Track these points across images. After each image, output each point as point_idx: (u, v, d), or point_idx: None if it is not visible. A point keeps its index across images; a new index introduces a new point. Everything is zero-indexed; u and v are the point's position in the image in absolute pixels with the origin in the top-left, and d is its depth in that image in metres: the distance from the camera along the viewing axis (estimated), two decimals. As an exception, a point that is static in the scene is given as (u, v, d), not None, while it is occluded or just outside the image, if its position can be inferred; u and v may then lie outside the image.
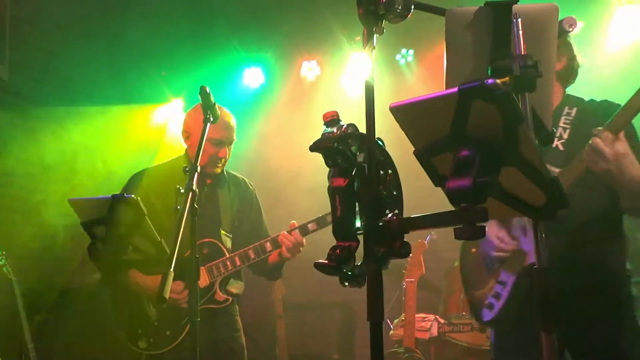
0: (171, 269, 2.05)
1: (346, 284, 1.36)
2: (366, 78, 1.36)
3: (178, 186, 2.35)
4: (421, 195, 2.78)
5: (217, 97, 2.71)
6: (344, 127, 1.39)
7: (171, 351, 3.21)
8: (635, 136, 2.44)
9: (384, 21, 1.40)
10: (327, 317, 6.34)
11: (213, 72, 6.07)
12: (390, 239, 1.30)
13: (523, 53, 1.45)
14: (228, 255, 3.35)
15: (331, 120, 1.43)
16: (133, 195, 2.32)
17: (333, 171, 1.40)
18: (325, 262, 1.36)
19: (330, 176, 1.40)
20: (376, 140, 1.37)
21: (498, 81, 1.12)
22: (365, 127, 1.37)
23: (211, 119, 2.63)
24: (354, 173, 1.37)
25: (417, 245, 4.81)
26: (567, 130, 2.50)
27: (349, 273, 1.35)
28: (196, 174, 2.39)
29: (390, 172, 1.42)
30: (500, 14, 1.50)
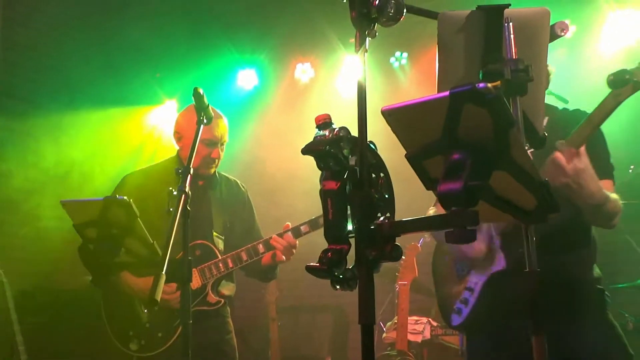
0: (163, 271, 2.04)
1: (337, 287, 1.37)
2: (358, 83, 1.36)
3: (171, 188, 2.34)
4: (414, 197, 2.79)
5: (211, 98, 2.71)
6: (336, 130, 1.39)
7: (163, 353, 3.20)
8: (600, 144, 2.44)
9: (376, 24, 1.41)
10: (320, 320, 6.34)
11: (207, 73, 6.07)
12: (382, 242, 1.31)
13: (514, 57, 1.46)
14: (220, 257, 3.34)
15: (323, 123, 1.44)
16: (125, 197, 2.31)
17: (325, 174, 1.40)
18: (316, 265, 1.36)
19: (322, 179, 1.40)
20: (368, 143, 1.38)
21: (489, 85, 1.12)
22: (358, 131, 1.37)
23: (204, 121, 2.62)
24: (345, 176, 1.37)
25: (410, 247, 4.81)
26: None
27: (341, 276, 1.35)
28: (189, 175, 2.38)
29: (382, 175, 1.42)
30: (492, 18, 1.50)
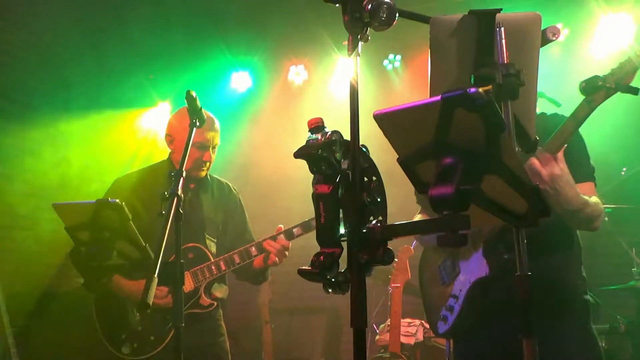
0: (155, 274, 2.04)
1: (329, 290, 1.37)
2: (350, 87, 1.36)
3: (164, 191, 2.33)
4: (407, 200, 2.80)
5: (205, 101, 2.70)
6: (328, 134, 1.40)
7: (155, 356, 3.19)
8: (579, 147, 2.45)
9: (368, 29, 1.41)
10: (313, 322, 6.34)
11: (200, 75, 6.06)
12: (374, 246, 1.31)
13: (506, 61, 1.46)
14: (213, 260, 3.34)
15: (316, 126, 1.44)
16: (117, 200, 2.31)
17: (317, 178, 1.40)
18: (308, 268, 1.37)
19: (315, 183, 1.40)
20: (360, 147, 1.38)
21: (480, 90, 1.13)
22: (350, 134, 1.37)
23: (197, 124, 2.62)
24: (338, 180, 1.37)
25: (403, 250, 4.82)
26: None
27: (333, 280, 1.35)
28: (181, 178, 2.38)
29: (374, 178, 1.42)
30: (484, 23, 1.51)
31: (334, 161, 1.37)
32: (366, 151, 1.42)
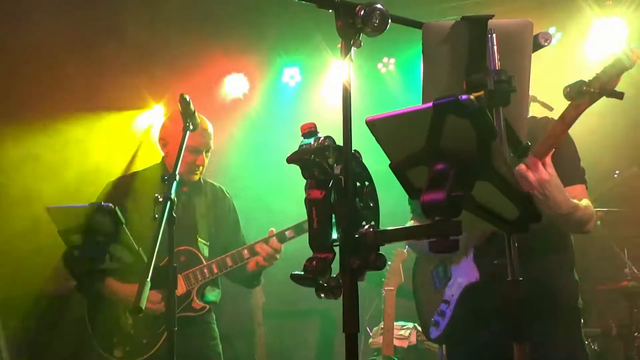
0: (148, 278, 2.04)
1: (322, 295, 1.37)
2: (343, 93, 1.37)
3: (156, 195, 2.33)
4: (400, 205, 2.80)
5: (199, 104, 2.70)
6: (321, 139, 1.40)
7: (147, 360, 3.19)
8: (568, 150, 2.45)
9: (361, 34, 1.42)
10: (307, 325, 6.34)
11: (195, 78, 6.05)
12: (366, 251, 1.32)
13: (497, 68, 1.47)
14: (205, 263, 3.33)
15: (309, 132, 1.44)
16: (110, 204, 2.31)
17: (310, 183, 1.40)
18: (301, 273, 1.37)
19: (307, 188, 1.41)
20: (353, 152, 1.39)
21: (472, 97, 1.14)
22: (343, 140, 1.38)
23: (191, 127, 2.62)
24: (330, 185, 1.38)
25: (397, 253, 4.82)
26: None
27: (325, 285, 1.35)
28: (174, 182, 2.38)
29: (366, 184, 1.43)
30: (476, 29, 1.52)
31: (326, 166, 1.38)
32: (359, 156, 1.42)
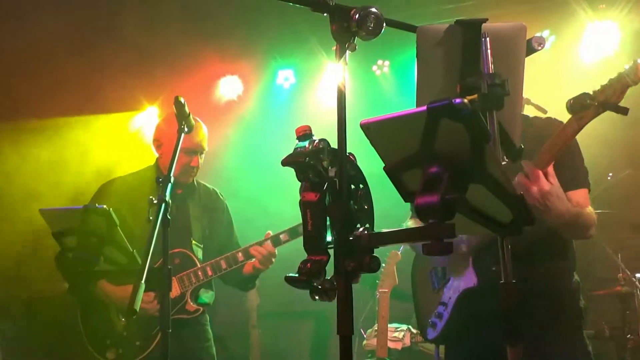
0: (142, 280, 2.03)
1: (316, 297, 1.38)
2: (338, 96, 1.38)
3: (151, 197, 2.33)
4: (394, 207, 2.81)
5: (193, 106, 2.70)
6: (316, 142, 1.41)
7: (141, 362, 3.18)
8: (572, 152, 2.43)
9: (356, 38, 1.43)
10: (301, 327, 6.33)
11: (189, 80, 6.04)
12: (360, 253, 1.32)
13: (491, 71, 1.48)
14: (199, 266, 3.33)
15: (303, 134, 1.45)
16: (105, 206, 2.30)
17: (304, 185, 1.41)
18: (295, 275, 1.37)
19: (302, 190, 1.41)
20: (348, 155, 1.39)
21: (465, 100, 1.14)
22: (337, 143, 1.38)
23: (185, 129, 2.62)
24: (325, 188, 1.38)
25: (391, 255, 4.82)
26: None
27: (320, 287, 1.36)
28: (169, 184, 2.37)
29: (361, 186, 1.44)
30: (470, 33, 1.52)
31: (321, 169, 1.38)
32: (353, 159, 1.43)
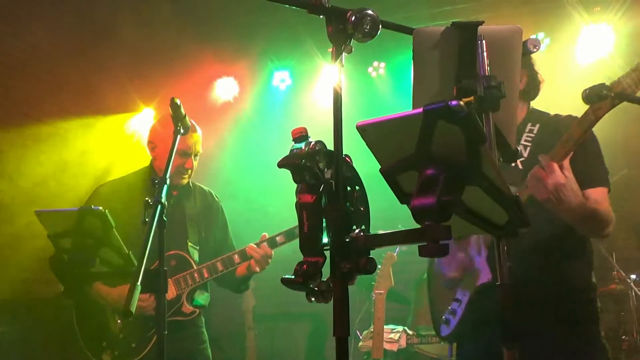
0: (138, 282, 2.03)
1: (312, 299, 1.38)
2: (334, 98, 1.38)
3: (147, 198, 2.32)
4: (391, 207, 2.81)
5: (190, 107, 2.69)
6: (312, 144, 1.41)
7: (136, 364, 3.18)
8: (591, 150, 2.42)
9: (352, 40, 1.43)
10: (297, 328, 6.34)
11: (185, 82, 6.05)
12: (356, 255, 1.32)
13: (487, 74, 1.48)
14: (196, 268, 3.33)
15: (299, 136, 1.45)
16: (101, 207, 2.30)
17: (301, 187, 1.41)
18: (291, 277, 1.37)
19: (298, 192, 1.41)
20: (344, 156, 1.39)
21: (461, 102, 1.14)
22: (333, 145, 1.39)
23: (181, 131, 2.61)
24: (321, 189, 1.38)
25: (387, 257, 4.83)
26: (528, 149, 2.48)
27: (316, 288, 1.36)
28: (165, 186, 2.37)
29: (357, 188, 1.44)
30: (466, 35, 1.53)
31: (317, 171, 1.38)
32: (350, 161, 1.43)
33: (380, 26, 1.42)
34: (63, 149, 5.38)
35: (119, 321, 3.22)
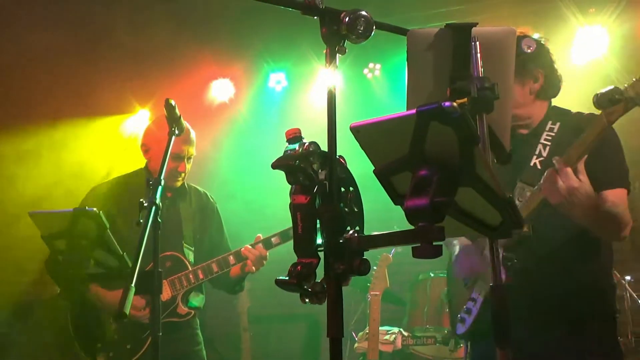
0: (132, 283, 2.03)
1: (306, 300, 1.37)
2: (328, 99, 1.38)
3: (141, 200, 2.32)
4: (385, 208, 2.81)
5: (186, 109, 2.69)
6: (306, 145, 1.41)
7: (131, 365, 3.17)
8: (610, 151, 2.38)
9: (346, 41, 1.43)
10: (292, 329, 6.33)
11: (181, 83, 6.04)
12: (350, 256, 1.32)
13: (480, 75, 1.49)
14: (191, 269, 3.32)
15: (293, 137, 1.45)
16: (95, 209, 2.29)
17: (295, 188, 1.41)
18: (286, 278, 1.37)
19: (292, 193, 1.41)
20: (338, 157, 1.39)
21: (454, 104, 1.15)
22: (327, 146, 1.39)
23: (176, 132, 2.61)
24: (315, 190, 1.38)
25: (382, 258, 4.83)
26: (547, 148, 2.45)
27: (310, 290, 1.36)
28: (159, 187, 2.37)
29: (351, 189, 1.44)
30: (460, 36, 1.53)
31: (311, 172, 1.38)
32: (344, 162, 1.43)
33: (374, 27, 1.42)
34: (61, 151, 5.38)
35: (113, 322, 3.21)
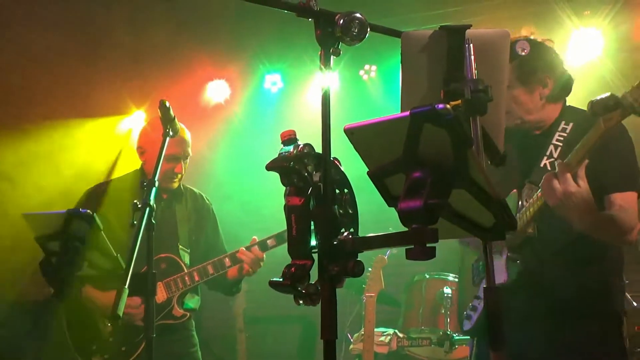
0: (126, 285, 2.02)
1: (300, 302, 1.38)
2: (322, 101, 1.38)
3: (135, 201, 2.32)
4: (382, 209, 2.81)
5: (182, 110, 2.69)
6: (300, 147, 1.41)
7: (126, 367, 3.17)
8: (618, 154, 2.36)
9: (340, 43, 1.43)
10: (288, 331, 6.32)
11: (177, 84, 6.03)
12: (344, 258, 1.32)
13: (474, 77, 1.49)
14: (187, 271, 3.32)
15: (288, 139, 1.45)
16: (88, 210, 2.29)
17: (289, 190, 1.41)
18: (279, 280, 1.37)
19: (286, 195, 1.41)
20: (332, 159, 1.40)
21: (448, 106, 1.15)
22: (322, 148, 1.39)
23: (171, 133, 2.61)
24: (309, 192, 1.38)
25: (377, 259, 4.83)
26: (559, 149, 2.45)
27: (303, 291, 1.36)
28: (154, 188, 2.36)
29: (345, 191, 1.44)
30: (454, 39, 1.53)
31: (305, 174, 1.38)
32: (338, 164, 1.43)
33: (369, 29, 1.42)
34: (61, 151, 5.37)
35: (108, 324, 3.21)
